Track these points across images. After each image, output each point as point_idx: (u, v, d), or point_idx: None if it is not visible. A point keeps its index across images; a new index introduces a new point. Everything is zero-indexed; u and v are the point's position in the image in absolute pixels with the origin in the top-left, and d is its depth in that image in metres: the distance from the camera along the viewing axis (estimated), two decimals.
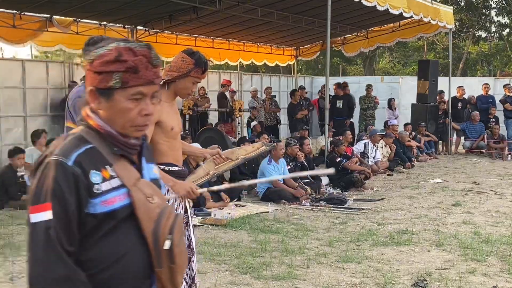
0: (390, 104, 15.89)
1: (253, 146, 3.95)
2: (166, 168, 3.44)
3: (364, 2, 10.90)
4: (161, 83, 3.40)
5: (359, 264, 5.27)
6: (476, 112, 15.25)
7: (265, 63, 19.00)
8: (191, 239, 3.59)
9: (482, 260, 5.38)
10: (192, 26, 14.05)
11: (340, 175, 9.94)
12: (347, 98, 15.15)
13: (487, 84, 16.11)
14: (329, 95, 12.73)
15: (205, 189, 3.55)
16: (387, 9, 11.65)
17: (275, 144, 7.67)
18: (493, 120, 15.29)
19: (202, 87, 14.48)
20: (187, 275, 3.57)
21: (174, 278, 1.72)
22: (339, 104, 15.05)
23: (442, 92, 15.70)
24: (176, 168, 3.50)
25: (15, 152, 8.37)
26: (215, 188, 3.71)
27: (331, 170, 4.57)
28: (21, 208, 7.82)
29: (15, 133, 11.52)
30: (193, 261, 3.63)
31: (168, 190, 3.43)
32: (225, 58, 16.84)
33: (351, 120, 15.36)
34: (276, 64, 19.46)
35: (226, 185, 3.84)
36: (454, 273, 4.98)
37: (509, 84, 15.86)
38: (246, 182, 4.68)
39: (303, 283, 4.75)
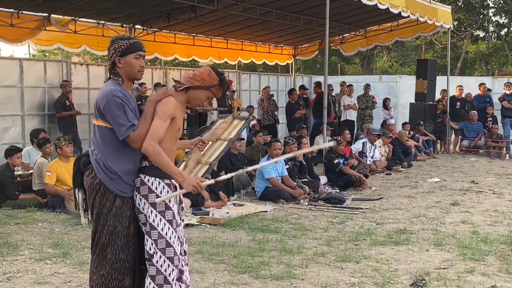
0: (385, 104, 15.91)
1: (225, 121, 3.94)
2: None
3: (365, 1, 10.87)
4: (180, 88, 3.50)
5: (357, 264, 5.26)
6: (474, 111, 15.27)
7: (263, 62, 18.99)
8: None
9: (480, 259, 5.38)
10: (190, 25, 14.03)
11: (338, 174, 9.94)
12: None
13: (484, 83, 16.12)
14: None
15: (212, 181, 3.59)
16: (388, 8, 11.64)
17: (249, 116, 7.58)
18: (490, 119, 15.30)
19: None
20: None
21: None
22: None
23: (445, 90, 15.71)
24: None
25: (13, 151, 8.34)
26: (221, 178, 3.74)
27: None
28: (18, 208, 7.81)
29: (13, 132, 11.51)
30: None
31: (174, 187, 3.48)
32: (224, 57, 16.83)
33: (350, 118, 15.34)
34: (276, 63, 19.46)
35: (228, 175, 3.85)
36: (452, 273, 4.98)
37: (509, 82, 15.86)
38: (243, 170, 4.61)
39: (301, 283, 4.74)
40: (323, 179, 9.96)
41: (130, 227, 3.53)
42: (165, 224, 3.44)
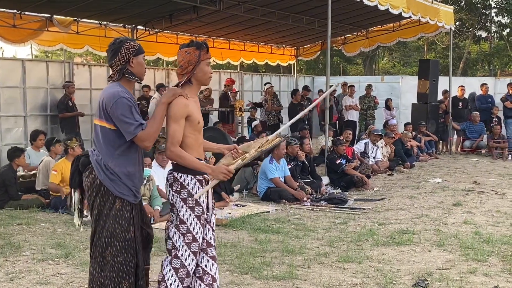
0: (387, 105, 15.91)
1: (267, 139, 3.98)
2: None
3: (366, 2, 10.88)
4: (182, 83, 3.62)
5: (359, 264, 5.26)
6: (476, 112, 15.25)
7: (265, 63, 19.00)
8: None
9: (483, 260, 5.38)
10: (192, 25, 14.05)
11: (340, 175, 9.94)
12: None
13: (486, 84, 16.10)
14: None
15: (239, 160, 3.69)
16: (388, 8, 11.63)
17: (288, 135, 7.67)
18: (496, 119, 15.26)
19: (207, 88, 14.46)
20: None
21: None
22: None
23: (447, 91, 15.71)
24: None
25: (20, 151, 8.37)
26: (247, 159, 3.80)
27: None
28: (20, 208, 7.82)
29: (15, 133, 11.53)
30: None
31: (205, 181, 3.58)
32: (227, 58, 16.85)
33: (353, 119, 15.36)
34: (278, 63, 19.47)
35: (254, 152, 3.88)
36: (455, 273, 4.98)
37: None
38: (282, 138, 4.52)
39: (303, 283, 4.74)
40: (325, 180, 9.96)
41: (130, 231, 3.52)
42: (193, 219, 3.54)
